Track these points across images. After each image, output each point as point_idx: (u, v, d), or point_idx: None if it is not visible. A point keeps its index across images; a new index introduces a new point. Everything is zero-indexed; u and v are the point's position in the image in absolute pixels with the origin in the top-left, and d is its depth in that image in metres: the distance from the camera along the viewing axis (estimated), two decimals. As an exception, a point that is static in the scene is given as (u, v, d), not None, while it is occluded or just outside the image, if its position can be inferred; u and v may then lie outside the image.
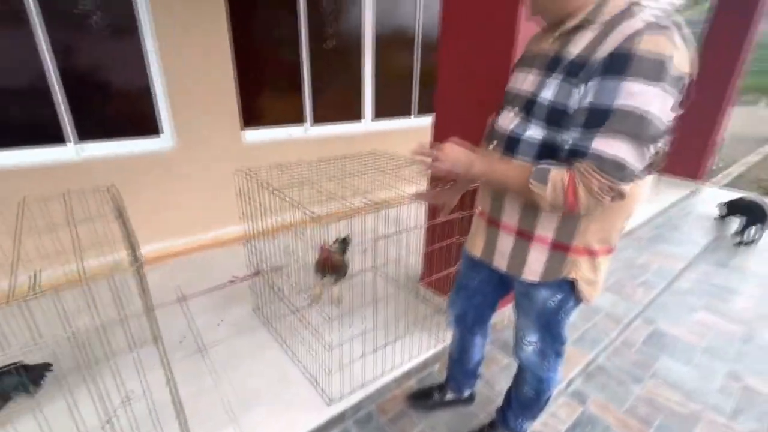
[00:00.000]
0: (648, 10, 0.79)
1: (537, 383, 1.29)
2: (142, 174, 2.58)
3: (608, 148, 0.79)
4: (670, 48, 0.75)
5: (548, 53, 0.93)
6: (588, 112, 0.81)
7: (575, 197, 0.83)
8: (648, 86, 0.75)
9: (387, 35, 3.60)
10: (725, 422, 1.73)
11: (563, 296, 1.07)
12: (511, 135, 0.98)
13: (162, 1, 2.37)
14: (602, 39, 0.81)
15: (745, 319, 2.44)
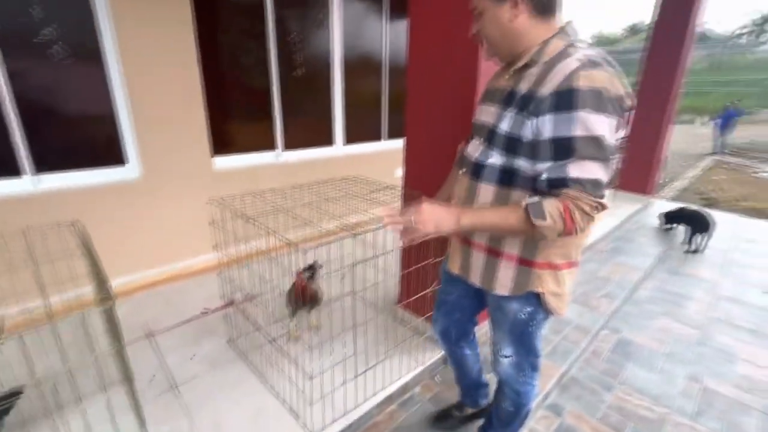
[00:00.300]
0: (581, 51, 0.92)
1: (515, 396, 1.34)
2: (107, 205, 2.48)
3: (584, 173, 0.89)
4: (603, 80, 0.87)
5: (505, 89, 1.05)
6: (552, 144, 0.91)
7: (573, 221, 0.90)
8: (595, 115, 0.86)
9: (355, 61, 3.71)
10: (689, 423, 1.84)
11: (532, 309, 1.14)
12: (477, 162, 1.09)
13: (128, 28, 2.34)
14: (544, 76, 0.93)
15: (699, 323, 2.62)
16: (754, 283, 3.24)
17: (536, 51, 0.98)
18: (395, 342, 2.07)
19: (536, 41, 0.99)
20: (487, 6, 1.00)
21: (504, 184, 1.03)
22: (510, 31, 1.00)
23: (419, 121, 1.96)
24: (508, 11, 0.97)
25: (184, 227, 2.82)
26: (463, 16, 1.58)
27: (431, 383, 1.96)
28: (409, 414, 1.78)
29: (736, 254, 3.81)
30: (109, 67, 2.38)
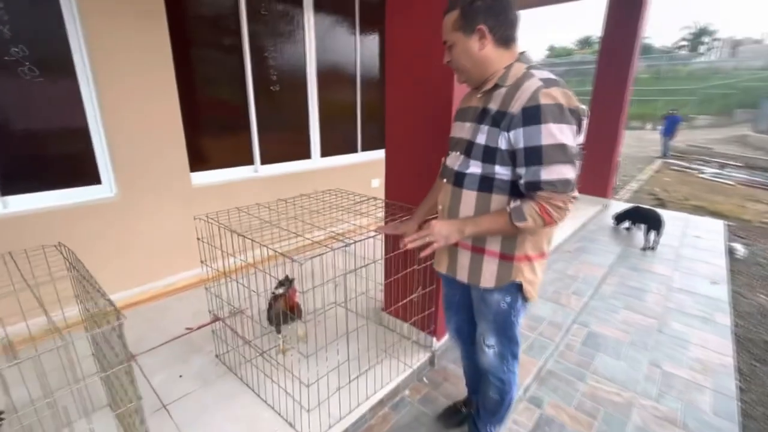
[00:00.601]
0: (539, 72, 1.10)
1: (500, 384, 1.47)
2: (82, 225, 2.42)
3: (554, 174, 1.06)
4: (561, 96, 1.05)
5: (477, 107, 1.22)
6: (525, 152, 1.08)
7: (550, 217, 1.09)
8: (557, 125, 1.04)
9: (329, 75, 3.81)
10: (653, 404, 2.02)
11: (512, 298, 1.29)
12: (458, 171, 1.25)
13: (101, 45, 2.32)
14: (512, 96, 1.10)
15: (657, 313, 2.87)
16: (702, 275, 3.57)
17: (502, 75, 1.15)
18: (383, 347, 2.14)
19: (501, 66, 1.17)
20: (458, 39, 1.17)
21: (483, 190, 1.19)
22: (479, 59, 1.17)
23: (398, 135, 2.08)
24: (476, 42, 1.15)
25: (163, 245, 2.78)
26: (438, 36, 1.72)
27: (420, 385, 2.04)
28: (401, 416, 1.85)
29: (686, 250, 4.18)
30: (81, 85, 2.35)
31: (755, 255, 4.47)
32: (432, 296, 2.03)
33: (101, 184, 2.54)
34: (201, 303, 2.58)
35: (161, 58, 2.57)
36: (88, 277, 1.21)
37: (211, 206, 2.04)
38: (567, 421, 1.89)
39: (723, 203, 6.85)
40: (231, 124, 3.20)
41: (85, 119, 2.40)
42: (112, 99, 2.42)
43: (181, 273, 2.88)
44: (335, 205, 2.12)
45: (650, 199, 6.97)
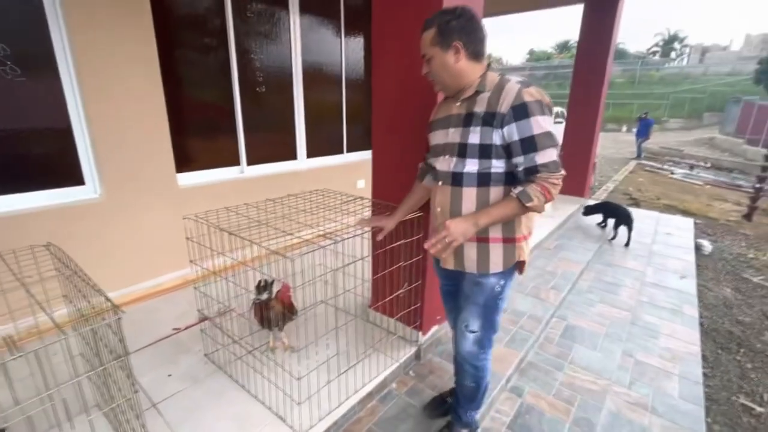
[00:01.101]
0: (513, 77, 1.29)
1: (475, 372, 1.56)
2: (66, 226, 2.39)
3: (547, 158, 1.23)
4: (537, 93, 1.23)
5: (460, 114, 1.35)
6: (521, 143, 1.24)
7: (550, 193, 1.25)
8: (542, 116, 1.22)
9: (315, 77, 3.84)
10: (626, 391, 2.15)
11: (505, 281, 1.43)
12: (455, 173, 1.36)
13: (85, 44, 2.30)
14: (497, 98, 1.25)
15: (630, 306, 3.02)
16: (672, 269, 3.77)
17: (479, 83, 1.32)
18: (371, 342, 2.20)
19: (475, 77, 1.33)
20: (436, 53, 1.31)
21: (482, 185, 1.33)
22: (454, 71, 1.32)
23: (384, 137, 2.14)
24: (452, 56, 1.30)
25: (149, 246, 2.76)
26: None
27: (406, 378, 2.11)
28: (389, 408, 1.91)
29: (657, 246, 4.39)
30: (64, 85, 2.32)
31: (721, 251, 4.73)
32: (417, 292, 2.10)
33: (85, 185, 2.51)
34: (188, 303, 2.58)
35: (147, 59, 2.56)
36: (82, 275, 1.22)
37: (198, 207, 2.06)
38: (546, 408, 1.99)
39: (692, 202, 7.19)
40: (217, 124, 3.20)
41: (68, 119, 2.38)
42: (95, 99, 2.40)
43: (168, 274, 2.87)
44: (323, 205, 2.17)
45: (625, 199, 7.25)
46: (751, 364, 2.65)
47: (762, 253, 4.75)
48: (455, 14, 1.27)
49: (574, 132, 5.53)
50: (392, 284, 2.17)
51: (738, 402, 2.29)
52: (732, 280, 3.92)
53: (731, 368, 2.60)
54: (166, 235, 2.78)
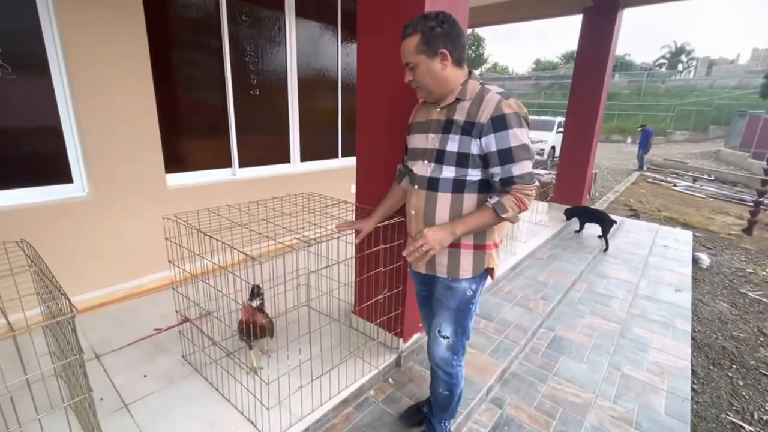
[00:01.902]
0: (493, 87, 1.30)
1: (448, 379, 1.55)
2: (52, 224, 2.39)
3: (523, 170, 1.26)
4: (515, 105, 1.25)
5: (440, 120, 1.36)
6: (498, 154, 1.26)
7: (524, 204, 1.27)
8: (519, 129, 1.24)
9: (311, 81, 3.87)
10: (610, 405, 2.10)
11: (476, 286, 1.44)
12: (431, 178, 1.37)
13: (76, 43, 2.32)
14: (477, 108, 1.26)
15: (620, 318, 2.97)
16: (668, 282, 3.71)
17: (460, 91, 1.32)
18: (350, 348, 2.17)
19: (457, 84, 1.33)
20: (421, 61, 1.29)
21: (457, 191, 1.34)
22: (441, 78, 1.31)
23: (367, 142, 2.13)
24: (439, 63, 1.28)
25: (134, 246, 2.76)
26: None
27: (385, 385, 2.07)
28: (365, 415, 1.88)
29: (654, 258, 4.33)
30: (54, 83, 2.35)
31: (719, 265, 4.66)
32: (399, 298, 2.07)
33: (73, 183, 2.52)
34: (172, 304, 2.56)
35: (138, 58, 2.58)
36: (46, 272, 1.22)
37: (187, 208, 2.05)
38: (526, 420, 1.95)
39: (693, 215, 7.11)
40: (209, 126, 3.22)
41: (58, 117, 2.40)
42: (86, 97, 2.42)
43: (153, 274, 2.86)
44: (306, 208, 2.16)
45: (625, 210, 7.18)
46: (743, 381, 2.59)
47: (761, 267, 4.67)
48: (439, 20, 1.25)
49: (572, 142, 5.50)
50: (374, 289, 2.14)
51: (727, 419, 2.23)
52: (729, 295, 3.86)
53: (722, 384, 2.53)
54: (153, 235, 2.78)
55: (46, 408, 1.63)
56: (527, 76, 40.38)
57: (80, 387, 1.23)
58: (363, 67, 2.04)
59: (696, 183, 10.70)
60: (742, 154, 14.57)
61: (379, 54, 1.94)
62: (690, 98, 27.86)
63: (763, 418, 2.27)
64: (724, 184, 10.88)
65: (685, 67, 43.57)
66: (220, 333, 2.22)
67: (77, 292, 2.55)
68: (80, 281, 2.56)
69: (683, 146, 20.74)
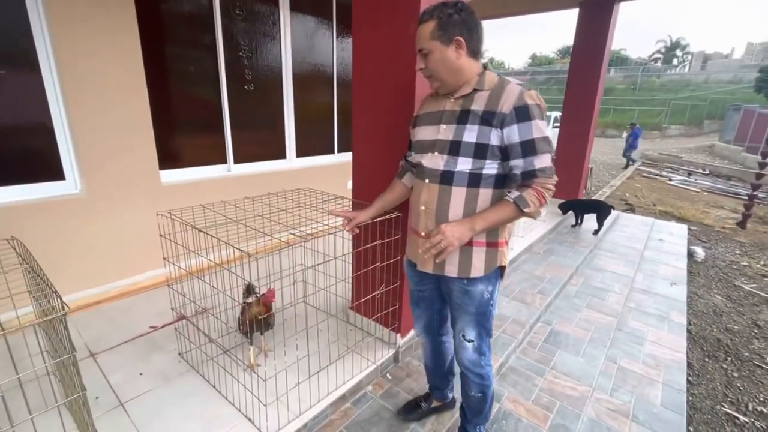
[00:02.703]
0: (512, 79, 1.26)
1: (480, 381, 1.51)
2: (45, 222, 2.36)
3: (544, 163, 1.22)
4: (536, 97, 1.22)
5: (454, 110, 1.29)
6: (521, 146, 1.21)
7: (544, 198, 1.24)
8: (542, 121, 1.21)
9: (306, 76, 3.83)
10: (607, 398, 2.11)
11: (492, 287, 1.39)
12: (445, 171, 1.30)
13: (66, 38, 2.28)
14: (498, 97, 1.22)
15: (616, 311, 2.98)
16: (663, 276, 3.73)
17: (478, 81, 1.27)
18: (348, 343, 2.16)
19: (473, 74, 1.28)
20: (436, 47, 1.24)
21: (472, 185, 1.28)
22: (455, 67, 1.26)
23: (364, 137, 2.12)
24: (453, 52, 1.24)
25: (129, 243, 2.74)
26: (402, 43, 1.77)
27: (383, 381, 2.07)
28: (363, 410, 1.88)
29: (649, 252, 4.35)
30: (44, 79, 2.30)
31: (714, 258, 4.70)
32: (396, 293, 2.07)
33: (65, 180, 2.49)
34: (168, 302, 2.55)
35: (130, 53, 2.54)
36: (38, 270, 1.20)
37: (181, 205, 2.03)
38: (524, 414, 1.96)
39: (688, 209, 7.15)
40: (203, 122, 3.18)
41: (48, 114, 2.36)
42: (77, 93, 2.38)
43: (149, 271, 2.84)
44: (302, 204, 2.14)
45: (621, 204, 7.21)
46: (737, 372, 2.61)
47: (755, 260, 4.71)
48: (457, 7, 1.21)
49: (568, 136, 5.51)
50: (371, 285, 2.13)
51: (722, 411, 2.25)
52: (723, 288, 3.88)
53: (717, 376, 2.56)
54: (148, 232, 2.75)
55: (40, 407, 1.62)
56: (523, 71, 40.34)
57: (74, 386, 1.21)
58: (358, 62, 2.02)
59: (691, 177, 10.76)
60: (736, 148, 14.67)
61: (374, 49, 1.92)
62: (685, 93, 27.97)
63: (757, 409, 2.29)
64: (719, 178, 10.96)
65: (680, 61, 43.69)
66: (216, 330, 2.20)
67: (71, 290, 2.52)
68: (74, 279, 2.54)
69: (678, 141, 20.84)
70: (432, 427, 1.80)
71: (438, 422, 1.83)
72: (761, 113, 14.62)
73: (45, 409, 1.59)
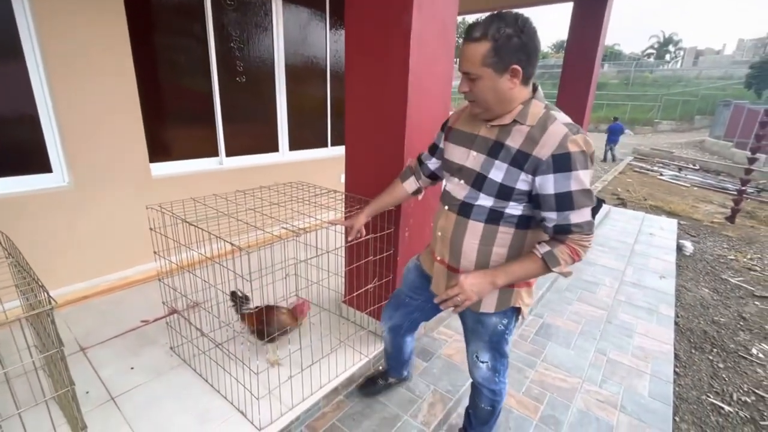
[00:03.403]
0: (560, 116, 1.10)
1: (492, 396, 1.49)
2: (31, 215, 2.32)
3: (582, 218, 1.09)
4: (584, 143, 1.06)
5: (488, 138, 1.17)
6: (555, 198, 1.08)
7: (578, 255, 1.13)
8: (584, 172, 1.06)
9: (299, 68, 3.78)
10: (596, 389, 2.14)
11: (508, 320, 1.33)
12: (465, 203, 1.23)
13: (51, 26, 2.22)
14: (537, 138, 1.07)
15: (606, 304, 3.02)
16: (653, 269, 3.78)
17: (520, 111, 1.12)
18: (341, 337, 2.17)
19: (518, 102, 1.13)
20: (486, 74, 1.07)
21: (491, 222, 1.19)
22: (506, 97, 1.11)
23: (357, 131, 2.10)
24: (508, 81, 1.08)
25: (119, 237, 2.70)
26: (396, 35, 1.75)
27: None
28: (355, 403, 1.89)
29: (639, 246, 4.41)
30: (29, 69, 2.25)
31: (702, 252, 4.77)
32: (389, 287, 2.07)
33: (52, 173, 2.44)
34: (159, 296, 2.53)
35: (118, 42, 2.49)
36: (24, 264, 1.18)
37: (173, 198, 2.00)
38: (515, 405, 1.98)
39: (678, 204, 7.24)
40: (194, 114, 3.14)
41: (34, 104, 2.30)
42: (63, 84, 2.33)
43: (139, 265, 2.81)
44: (295, 197, 2.13)
45: (612, 199, 7.28)
46: (723, 363, 2.67)
47: (742, 254, 4.79)
48: (517, 27, 1.03)
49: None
50: (364, 278, 2.14)
51: (707, 401, 2.30)
52: (711, 281, 3.95)
53: (703, 367, 2.61)
54: (138, 226, 2.72)
55: (29, 402, 1.60)
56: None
57: (63, 380, 1.20)
58: (351, 55, 2.00)
59: (681, 172, 10.89)
60: (725, 143, 14.86)
61: (367, 41, 1.90)
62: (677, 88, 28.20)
63: (741, 399, 2.34)
64: (708, 174, 11.10)
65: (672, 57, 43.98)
66: (208, 324, 2.19)
67: (60, 285, 2.49)
68: (63, 273, 2.50)
69: (669, 136, 21.05)
70: (424, 418, 1.82)
71: (430, 414, 1.85)
72: (751, 109, 14.80)
73: (33, 404, 1.58)
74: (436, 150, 1.47)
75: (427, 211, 2.13)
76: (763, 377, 2.56)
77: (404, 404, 1.89)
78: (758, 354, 2.79)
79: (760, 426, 2.15)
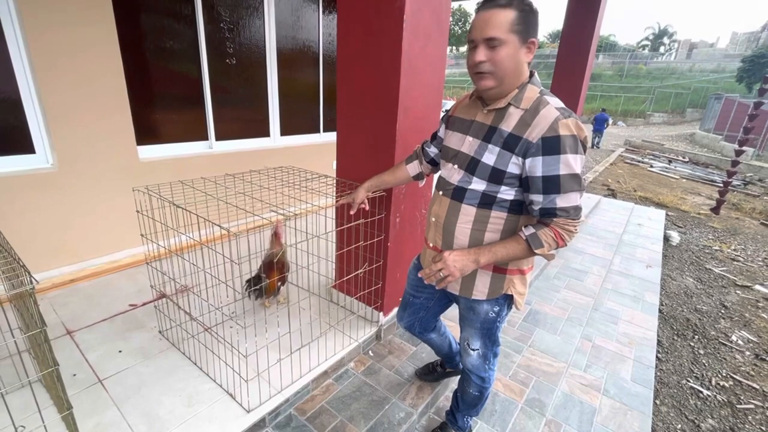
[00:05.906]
0: (552, 100, 1.10)
1: (480, 382, 1.52)
2: (14, 197, 2.27)
3: (569, 202, 1.09)
4: (574, 127, 1.05)
5: (483, 123, 1.18)
6: (542, 181, 1.08)
7: (563, 240, 1.13)
8: (573, 156, 1.05)
9: (291, 52, 3.71)
10: (581, 374, 2.19)
11: (500, 308, 1.34)
12: (458, 187, 1.24)
13: (33, 4, 2.15)
14: (529, 121, 1.08)
15: (594, 292, 3.08)
16: (640, 259, 3.85)
17: (515, 95, 1.13)
18: (330, 321, 2.18)
19: (518, 84, 1.13)
20: (512, 41, 1.05)
21: (483, 206, 1.19)
22: (518, 69, 1.10)
23: (348, 114, 2.07)
24: (525, 54, 1.10)
25: (106, 220, 2.66)
26: (389, 18, 1.72)
27: (365, 358, 2.10)
28: (344, 386, 1.90)
29: (627, 236, 4.47)
30: (9, 47, 2.17)
31: (688, 242, 4.86)
32: (379, 272, 2.08)
33: (35, 154, 2.38)
34: (148, 280, 2.51)
35: (102, 21, 2.41)
36: (4, 244, 1.15)
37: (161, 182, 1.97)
38: (501, 389, 2.02)
39: (666, 195, 7.34)
40: (183, 96, 3.07)
41: (15, 83, 2.23)
42: (46, 64, 2.25)
43: (127, 249, 2.78)
44: (285, 182, 2.11)
45: (603, 190, 7.35)
46: (703, 350, 2.74)
47: (726, 245, 4.90)
48: (533, 5, 1.06)
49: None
50: (354, 263, 2.14)
51: (687, 385, 2.37)
52: (695, 270, 4.04)
53: (684, 353, 2.68)
54: (126, 209, 2.68)
55: (15, 384, 1.59)
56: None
57: (47, 361, 1.19)
58: (343, 36, 1.96)
59: (671, 164, 11.01)
60: (715, 136, 15.03)
61: (360, 21, 1.86)
62: (670, 81, 28.32)
63: (720, 384, 2.42)
64: (697, 166, 11.25)
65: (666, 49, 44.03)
66: (197, 308, 2.19)
67: (46, 268, 2.46)
68: (49, 256, 2.47)
69: (660, 128, 21.21)
70: (412, 401, 1.84)
71: (418, 397, 1.88)
72: (741, 102, 14.94)
73: (19, 386, 1.56)
74: (435, 138, 1.50)
75: (418, 197, 2.12)
76: (741, 363, 2.64)
77: (393, 387, 1.91)
78: (737, 341, 2.87)
79: (737, 409, 2.22)
